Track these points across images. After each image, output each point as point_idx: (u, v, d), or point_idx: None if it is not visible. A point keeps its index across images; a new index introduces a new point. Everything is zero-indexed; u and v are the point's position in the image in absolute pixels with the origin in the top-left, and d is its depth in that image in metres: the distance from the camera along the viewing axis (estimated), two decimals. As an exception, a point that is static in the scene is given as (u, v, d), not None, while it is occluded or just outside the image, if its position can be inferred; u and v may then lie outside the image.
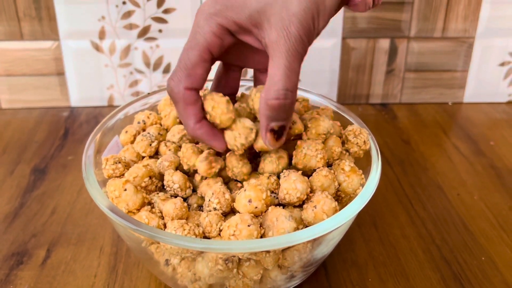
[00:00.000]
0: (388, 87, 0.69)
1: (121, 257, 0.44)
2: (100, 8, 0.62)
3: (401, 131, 0.64)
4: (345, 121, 0.45)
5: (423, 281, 0.42)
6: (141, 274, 0.42)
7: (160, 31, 0.64)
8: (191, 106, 0.34)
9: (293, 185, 0.35)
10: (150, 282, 0.42)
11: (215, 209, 0.35)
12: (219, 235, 0.34)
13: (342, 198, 0.38)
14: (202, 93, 0.35)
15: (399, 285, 0.42)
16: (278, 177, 0.37)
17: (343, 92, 0.69)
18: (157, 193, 0.37)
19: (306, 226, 0.35)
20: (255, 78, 0.40)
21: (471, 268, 0.43)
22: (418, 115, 0.68)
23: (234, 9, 0.32)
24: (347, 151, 0.41)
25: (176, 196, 0.37)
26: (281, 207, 0.35)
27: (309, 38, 0.32)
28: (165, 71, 0.66)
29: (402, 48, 0.67)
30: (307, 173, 0.38)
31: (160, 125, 0.44)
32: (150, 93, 0.48)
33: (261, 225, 0.33)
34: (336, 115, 0.46)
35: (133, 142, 0.43)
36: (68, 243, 0.45)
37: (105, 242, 0.46)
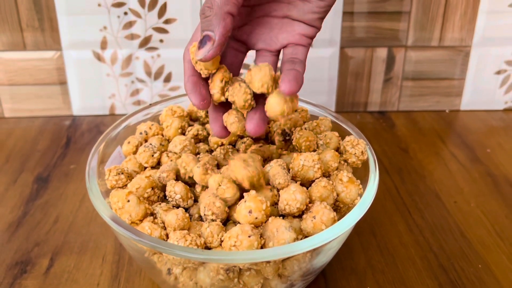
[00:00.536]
0: (386, 95, 0.70)
1: (123, 265, 0.45)
2: (102, 19, 0.63)
3: (399, 139, 0.65)
4: (343, 131, 0.46)
5: (420, 288, 0.43)
6: (143, 283, 0.43)
7: (161, 41, 0.65)
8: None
9: (293, 196, 0.35)
10: (152, 290, 0.42)
11: (212, 220, 0.36)
12: (220, 245, 0.35)
13: (341, 208, 0.39)
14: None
15: (397, 292, 0.43)
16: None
17: (342, 100, 0.70)
18: (159, 204, 0.38)
19: (306, 236, 0.35)
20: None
21: (468, 275, 0.44)
22: (416, 123, 0.69)
23: None
24: (345, 161, 0.42)
25: (178, 207, 0.38)
26: (281, 217, 0.36)
27: None
28: (166, 80, 0.67)
29: (399, 57, 0.68)
30: (305, 184, 0.38)
31: (162, 135, 0.45)
32: (152, 104, 0.49)
33: (261, 235, 0.34)
34: (334, 125, 0.47)
35: (135, 153, 0.43)
36: (71, 252, 0.46)
37: (107, 251, 0.46)
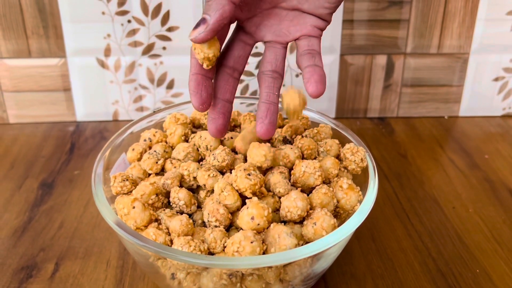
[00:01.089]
0: (385, 101, 0.71)
1: (128, 270, 0.46)
2: (106, 27, 0.64)
3: (398, 145, 0.66)
4: (343, 138, 0.47)
5: (419, 293, 0.44)
6: (147, 287, 0.44)
7: (164, 48, 0.66)
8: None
9: (294, 203, 0.36)
10: (156, 295, 0.43)
11: (216, 226, 0.37)
12: (223, 250, 0.35)
13: (341, 214, 0.40)
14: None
15: (396, 297, 0.43)
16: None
17: (342, 106, 0.71)
18: (164, 210, 0.39)
19: (307, 242, 0.36)
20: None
21: (466, 280, 0.45)
22: (415, 129, 0.69)
23: None
24: (345, 168, 0.43)
25: (182, 213, 0.39)
26: (282, 223, 0.37)
27: None
28: (169, 87, 0.68)
29: (399, 64, 0.69)
30: (306, 191, 0.39)
31: (166, 142, 0.46)
32: (155, 111, 0.50)
33: (263, 241, 0.35)
34: (335, 132, 0.47)
35: (139, 160, 0.44)
36: (75, 257, 0.47)
37: (111, 256, 0.47)
